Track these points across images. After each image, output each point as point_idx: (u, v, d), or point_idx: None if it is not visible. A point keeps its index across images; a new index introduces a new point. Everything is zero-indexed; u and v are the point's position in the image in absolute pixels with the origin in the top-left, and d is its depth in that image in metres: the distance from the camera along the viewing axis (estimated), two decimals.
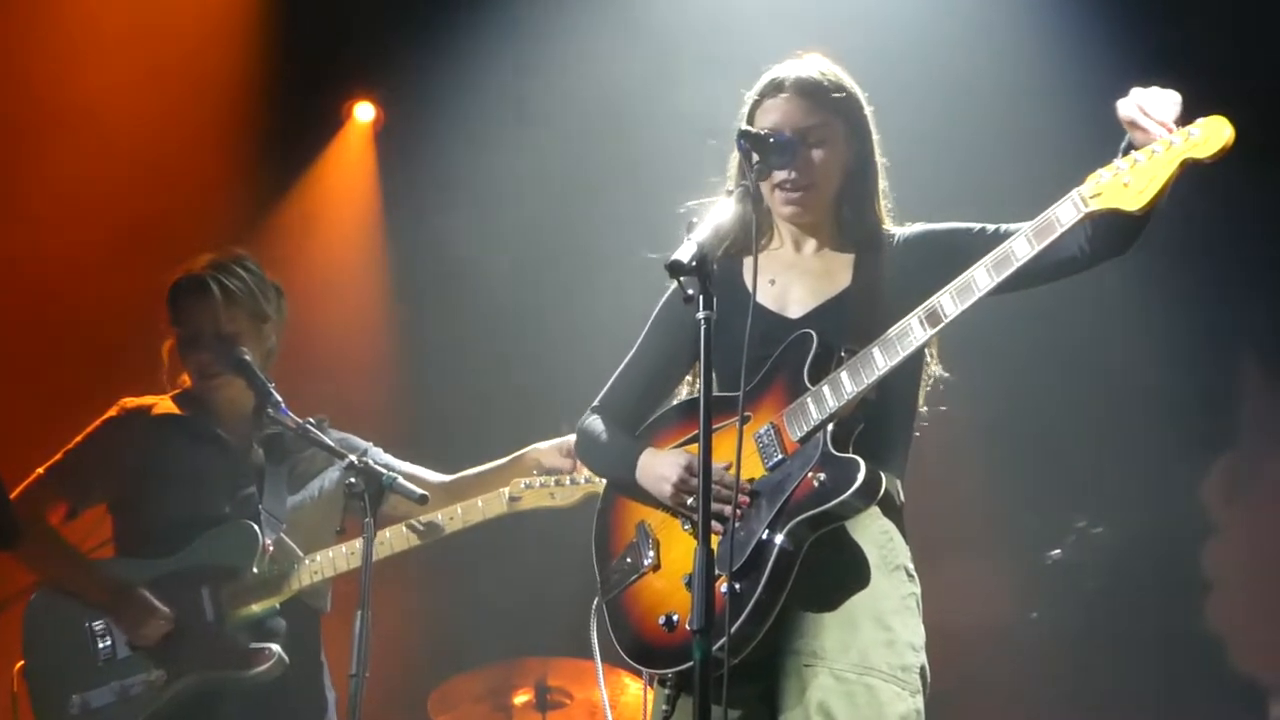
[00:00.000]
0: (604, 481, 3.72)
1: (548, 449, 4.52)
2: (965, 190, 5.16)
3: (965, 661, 5.86)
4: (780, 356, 3.36)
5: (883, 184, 3.55)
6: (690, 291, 2.94)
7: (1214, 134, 2.85)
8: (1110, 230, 3.11)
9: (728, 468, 3.20)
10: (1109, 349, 6.17)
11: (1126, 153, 3.01)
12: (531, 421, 4.73)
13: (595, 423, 3.64)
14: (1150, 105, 2.98)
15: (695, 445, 3.34)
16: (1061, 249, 3.11)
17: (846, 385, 3.22)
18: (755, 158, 3.31)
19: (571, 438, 4.43)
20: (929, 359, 3.49)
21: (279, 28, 6.72)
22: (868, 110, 3.53)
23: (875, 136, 3.53)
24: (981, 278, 3.10)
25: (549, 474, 4.48)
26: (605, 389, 3.68)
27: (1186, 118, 2.95)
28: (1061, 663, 6.32)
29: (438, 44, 6.69)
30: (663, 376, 3.63)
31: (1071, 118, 5.63)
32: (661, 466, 3.39)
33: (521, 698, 5.59)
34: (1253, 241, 5.93)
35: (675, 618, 3.28)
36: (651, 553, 3.42)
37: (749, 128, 3.38)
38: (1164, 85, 3.02)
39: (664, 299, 3.62)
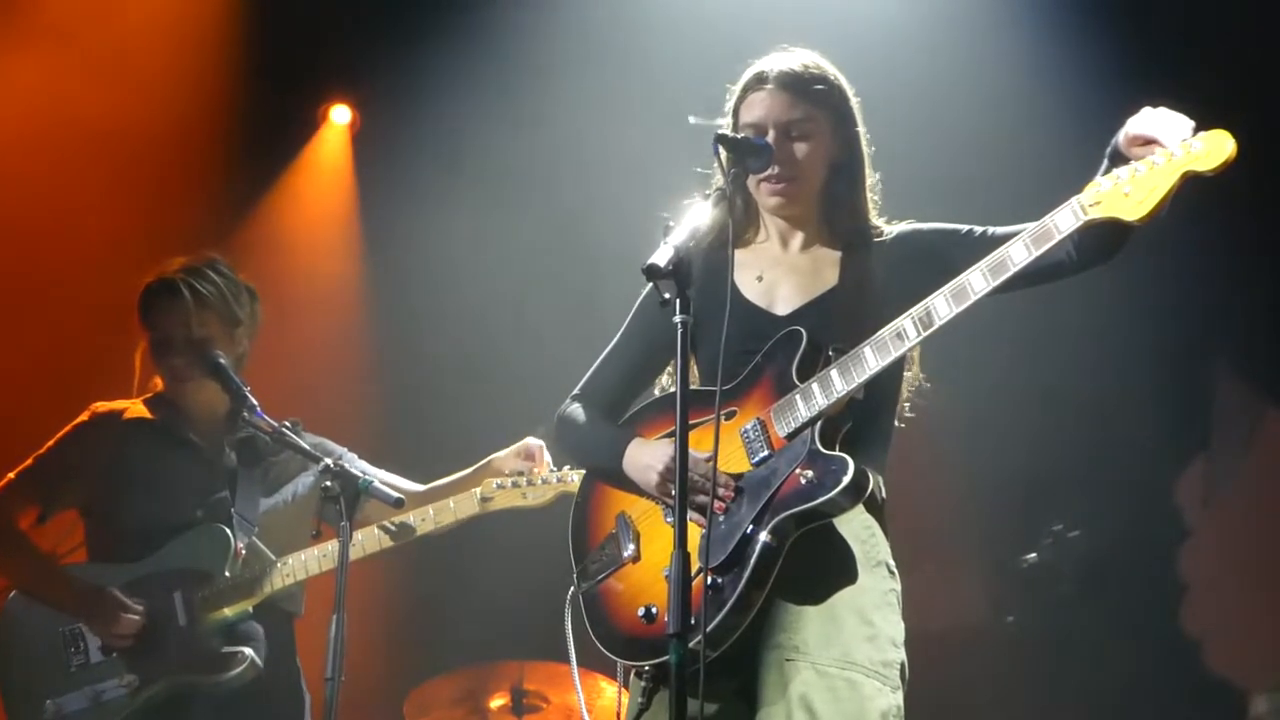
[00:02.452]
0: (576, 481, 3.70)
1: (506, 455, 4.53)
2: (955, 190, 5.17)
3: (941, 664, 5.86)
4: (768, 353, 3.36)
5: (871, 177, 3.55)
6: (667, 295, 2.94)
7: (1216, 147, 2.86)
8: (1098, 238, 3.12)
9: (708, 459, 3.19)
10: (1084, 354, 6.20)
11: (1114, 161, 3.02)
12: (507, 428, 4.72)
13: (577, 410, 3.62)
14: (1167, 128, 2.96)
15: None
16: (1049, 256, 3.11)
17: (837, 383, 3.22)
18: (732, 160, 3.32)
19: (528, 440, 4.47)
20: (910, 358, 3.50)
21: (254, 31, 6.69)
22: (854, 102, 3.53)
23: (862, 129, 3.53)
24: (977, 281, 3.11)
25: (520, 474, 4.48)
26: (586, 377, 3.67)
27: None
28: (1037, 666, 6.35)
29: (414, 47, 6.68)
30: (644, 366, 3.62)
31: (1061, 121, 5.67)
32: (649, 456, 3.38)
33: (497, 701, 5.58)
34: (1226, 246, 5.96)
35: (655, 610, 3.28)
36: (632, 544, 3.41)
37: (725, 131, 3.39)
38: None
39: (647, 288, 3.61)
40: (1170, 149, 2.90)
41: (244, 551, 4.45)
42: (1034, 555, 6.35)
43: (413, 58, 6.70)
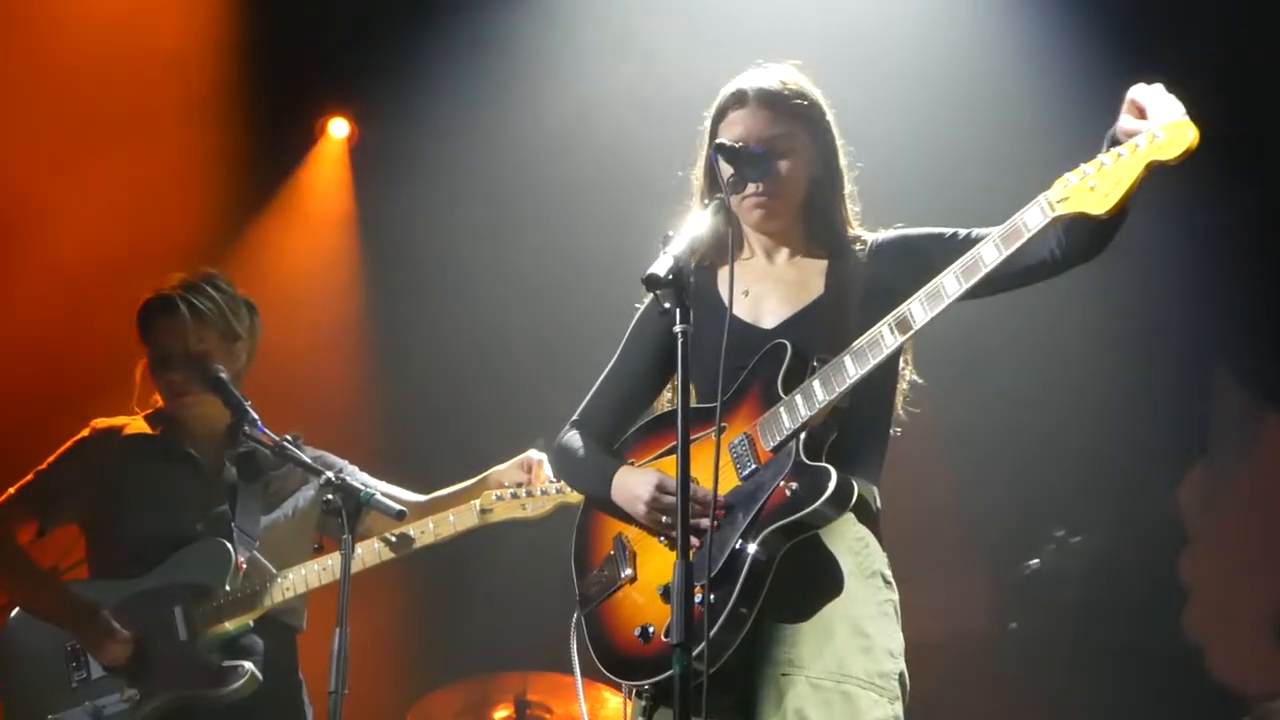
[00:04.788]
0: (575, 493, 3.70)
1: (507, 468, 4.55)
2: (942, 194, 5.17)
3: (944, 672, 5.86)
4: (755, 367, 3.36)
5: (849, 189, 3.57)
6: (667, 305, 2.94)
7: (1178, 137, 2.87)
8: (1081, 234, 3.12)
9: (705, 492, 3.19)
10: (1085, 359, 6.19)
11: (1112, 145, 3.01)
12: (508, 441, 4.72)
13: (574, 438, 3.64)
14: (1156, 104, 2.96)
15: (671, 458, 3.36)
16: (1032, 253, 3.12)
17: (818, 394, 3.22)
18: (730, 171, 3.33)
19: (529, 453, 4.48)
20: (904, 365, 3.50)
21: (252, 43, 6.69)
22: (830, 115, 3.55)
23: (839, 141, 3.55)
24: (950, 284, 3.11)
25: (519, 486, 4.48)
26: (584, 403, 3.68)
27: None
28: (1040, 673, 6.34)
29: (412, 59, 6.68)
30: (641, 389, 3.64)
31: (1050, 120, 5.67)
32: (635, 485, 3.39)
33: (501, 713, 5.57)
34: (1225, 249, 5.96)
35: (651, 629, 3.29)
36: (628, 566, 3.42)
37: (724, 141, 3.39)
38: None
39: (640, 312, 3.64)
40: (1134, 141, 2.90)
41: (245, 565, 4.45)
42: (1037, 561, 6.35)
43: (411, 70, 6.69)
